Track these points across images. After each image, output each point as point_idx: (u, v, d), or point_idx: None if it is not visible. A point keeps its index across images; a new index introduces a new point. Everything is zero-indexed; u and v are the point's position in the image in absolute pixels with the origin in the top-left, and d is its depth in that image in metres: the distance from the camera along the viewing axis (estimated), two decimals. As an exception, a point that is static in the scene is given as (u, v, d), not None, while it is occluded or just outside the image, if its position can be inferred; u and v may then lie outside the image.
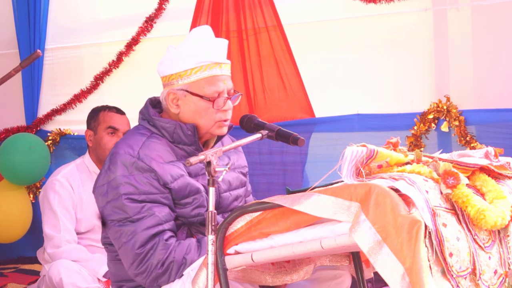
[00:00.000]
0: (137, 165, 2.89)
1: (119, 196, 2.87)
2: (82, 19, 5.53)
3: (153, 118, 3.02)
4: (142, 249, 2.85)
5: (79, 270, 4.27)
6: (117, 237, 2.90)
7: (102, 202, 2.94)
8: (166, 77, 3.03)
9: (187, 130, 2.98)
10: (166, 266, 2.83)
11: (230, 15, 5.08)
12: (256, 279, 2.76)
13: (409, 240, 2.19)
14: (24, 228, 5.31)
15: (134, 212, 2.86)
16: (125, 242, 2.87)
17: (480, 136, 4.60)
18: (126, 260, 2.90)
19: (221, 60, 3.00)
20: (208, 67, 2.98)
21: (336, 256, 2.94)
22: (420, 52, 4.79)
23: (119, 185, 2.88)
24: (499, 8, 4.58)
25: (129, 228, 2.86)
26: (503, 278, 2.43)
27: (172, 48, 3.04)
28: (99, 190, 2.95)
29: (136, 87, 5.29)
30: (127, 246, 2.87)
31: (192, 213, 2.94)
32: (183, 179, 2.93)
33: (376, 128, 4.80)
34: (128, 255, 2.87)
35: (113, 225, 2.90)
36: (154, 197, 2.89)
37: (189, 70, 2.98)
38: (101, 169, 3.01)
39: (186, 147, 3.01)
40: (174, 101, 3.02)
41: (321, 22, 4.98)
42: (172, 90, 3.01)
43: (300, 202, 2.39)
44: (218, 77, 2.99)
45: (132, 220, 2.87)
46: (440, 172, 2.41)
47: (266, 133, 2.93)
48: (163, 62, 3.05)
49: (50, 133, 5.53)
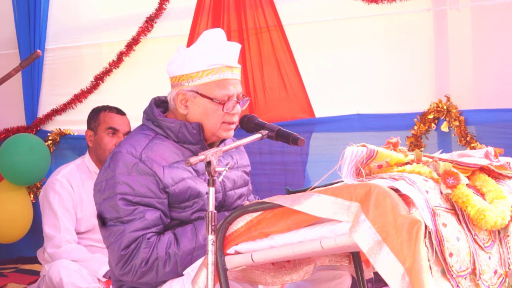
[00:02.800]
0: (137, 166, 2.90)
1: (115, 195, 2.89)
2: (82, 19, 5.53)
3: (158, 119, 3.03)
4: (127, 250, 2.87)
5: (79, 270, 4.27)
6: (107, 235, 2.93)
7: (99, 198, 2.96)
8: (176, 78, 3.03)
9: (192, 129, 2.99)
10: (151, 263, 2.85)
11: (231, 15, 5.08)
12: (256, 279, 2.76)
13: (409, 240, 2.19)
14: (24, 228, 5.31)
15: (125, 213, 2.88)
16: (112, 242, 2.90)
17: (480, 136, 4.60)
18: (112, 260, 2.93)
19: (232, 64, 3.00)
20: (220, 70, 2.98)
21: (336, 256, 2.94)
22: (420, 52, 4.79)
23: (116, 184, 2.89)
24: (499, 8, 4.58)
25: (118, 228, 2.89)
26: (503, 278, 2.43)
27: (183, 49, 3.03)
28: (97, 186, 2.97)
29: (136, 87, 5.29)
30: (114, 246, 2.90)
31: (191, 217, 2.95)
32: (184, 182, 2.93)
33: (376, 128, 4.80)
34: (115, 255, 2.90)
35: (104, 224, 2.93)
36: (148, 201, 2.90)
37: (200, 72, 2.98)
38: (102, 167, 3.02)
39: (192, 146, 3.01)
40: (183, 102, 3.02)
41: (322, 22, 4.98)
42: (181, 91, 3.01)
43: (300, 202, 2.39)
44: (229, 81, 3.00)
45: (123, 221, 2.88)
46: (440, 172, 2.41)
47: (266, 133, 2.93)
48: (173, 62, 3.04)
49: (50, 133, 5.53)
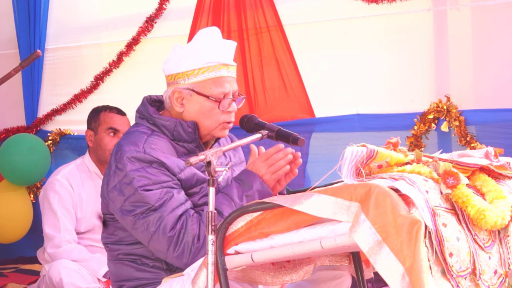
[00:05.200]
0: (144, 158, 2.89)
1: (135, 190, 2.86)
2: (83, 19, 5.54)
3: (153, 117, 3.03)
4: (173, 231, 2.84)
5: (79, 270, 4.27)
6: (145, 229, 2.87)
7: (120, 201, 2.91)
8: (171, 76, 3.03)
9: (187, 127, 2.99)
10: (203, 238, 2.82)
11: (231, 15, 5.09)
12: (256, 279, 2.76)
13: (409, 240, 2.19)
14: (24, 228, 5.32)
15: (154, 199, 2.85)
16: (154, 231, 2.85)
17: (480, 136, 4.60)
18: (161, 248, 2.87)
19: (228, 61, 3.01)
20: (216, 68, 2.98)
21: (336, 256, 2.94)
22: (420, 52, 4.79)
23: (133, 179, 2.87)
24: (499, 8, 4.58)
25: (154, 216, 2.85)
26: (503, 278, 2.43)
27: (178, 47, 3.04)
28: (113, 192, 2.92)
29: (136, 87, 5.29)
30: (158, 234, 2.85)
31: (199, 202, 2.95)
32: (190, 169, 2.94)
33: (376, 128, 4.81)
34: (161, 241, 2.85)
35: (137, 219, 2.87)
36: (168, 184, 2.89)
37: (196, 69, 2.98)
38: (107, 172, 2.98)
39: (187, 145, 3.01)
40: (179, 100, 3.02)
41: (322, 22, 4.98)
42: (177, 89, 3.01)
43: (300, 202, 2.39)
44: (225, 79, 3.00)
45: (155, 208, 2.85)
46: (440, 172, 2.41)
47: (266, 133, 2.93)
48: (169, 61, 3.04)
49: (50, 133, 5.53)
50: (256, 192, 2.93)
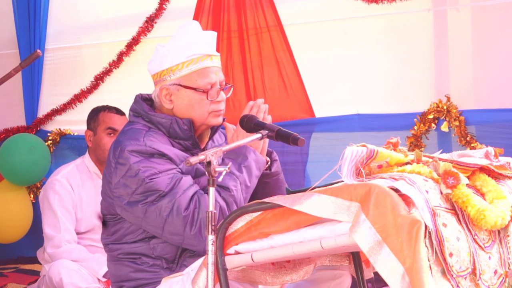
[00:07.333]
0: (146, 151, 2.90)
1: (143, 181, 2.86)
2: (83, 19, 5.53)
3: (149, 114, 3.03)
4: (187, 211, 2.84)
5: (79, 270, 4.27)
6: (157, 214, 2.86)
7: (127, 195, 2.90)
8: (157, 74, 3.05)
9: (183, 125, 3.00)
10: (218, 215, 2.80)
11: (231, 15, 5.09)
12: (256, 279, 2.76)
13: (409, 240, 2.19)
14: (24, 228, 5.31)
15: (164, 185, 2.85)
16: (167, 214, 2.85)
17: (480, 136, 4.60)
18: (176, 230, 2.86)
19: (211, 52, 3.02)
20: (199, 60, 3.00)
21: (336, 256, 2.94)
22: (420, 52, 4.79)
23: (138, 171, 2.87)
24: (499, 8, 4.58)
25: (165, 200, 2.85)
26: (503, 278, 2.43)
27: (160, 46, 3.06)
28: (118, 188, 2.92)
29: (136, 87, 5.23)
30: (172, 216, 2.85)
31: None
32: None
33: (376, 128, 4.80)
34: (176, 223, 2.84)
35: (148, 206, 2.87)
36: (174, 171, 2.89)
37: (180, 64, 2.99)
38: (107, 172, 2.98)
39: (182, 142, 3.02)
40: (167, 97, 3.03)
41: (322, 22, 4.98)
42: (164, 86, 3.02)
43: (300, 202, 2.39)
44: (210, 69, 3.02)
45: (165, 193, 2.85)
46: (440, 172, 2.41)
47: (266, 133, 2.93)
48: (152, 61, 3.06)
49: (50, 133, 5.53)
50: (253, 162, 2.97)
